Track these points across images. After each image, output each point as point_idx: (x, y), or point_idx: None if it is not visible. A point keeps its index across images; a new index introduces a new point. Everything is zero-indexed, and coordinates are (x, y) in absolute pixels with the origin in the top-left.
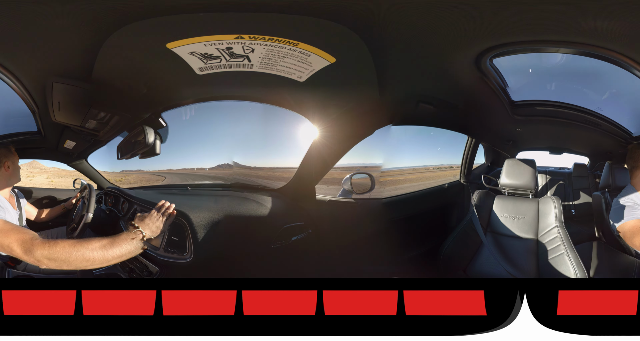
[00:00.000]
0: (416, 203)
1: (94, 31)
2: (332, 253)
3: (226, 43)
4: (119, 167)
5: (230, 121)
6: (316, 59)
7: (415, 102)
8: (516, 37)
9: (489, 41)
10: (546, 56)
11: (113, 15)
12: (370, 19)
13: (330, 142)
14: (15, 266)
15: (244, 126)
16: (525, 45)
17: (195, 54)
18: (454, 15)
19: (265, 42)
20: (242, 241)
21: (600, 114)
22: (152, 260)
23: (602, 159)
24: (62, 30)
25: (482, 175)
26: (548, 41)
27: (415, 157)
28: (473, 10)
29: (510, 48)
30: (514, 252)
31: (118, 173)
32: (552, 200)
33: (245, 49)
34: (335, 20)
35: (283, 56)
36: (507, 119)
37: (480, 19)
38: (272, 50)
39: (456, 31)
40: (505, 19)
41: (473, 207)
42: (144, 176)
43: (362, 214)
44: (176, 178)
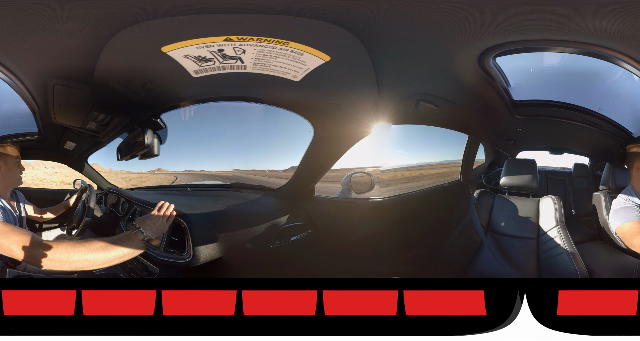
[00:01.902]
0: (416, 203)
1: (97, 34)
2: (332, 253)
3: (217, 45)
4: (118, 167)
5: (228, 122)
6: (310, 58)
7: (416, 100)
8: (522, 36)
9: (493, 39)
10: (548, 55)
11: (114, 19)
12: (369, 17)
13: (329, 141)
14: (16, 266)
15: (242, 126)
16: (531, 44)
17: (189, 56)
18: (457, 12)
19: (254, 43)
20: (242, 241)
21: (601, 114)
22: (152, 260)
23: (603, 159)
24: (67, 33)
25: (483, 174)
26: (554, 40)
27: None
28: (477, 7)
29: (515, 46)
30: (514, 252)
31: (118, 174)
32: (553, 200)
33: (237, 50)
34: (334, 20)
35: (275, 56)
36: (508, 118)
37: (485, 16)
38: (263, 50)
39: (460, 29)
40: (512, 17)
41: (473, 206)
42: (145, 177)
43: (361, 214)
44: (185, 179)
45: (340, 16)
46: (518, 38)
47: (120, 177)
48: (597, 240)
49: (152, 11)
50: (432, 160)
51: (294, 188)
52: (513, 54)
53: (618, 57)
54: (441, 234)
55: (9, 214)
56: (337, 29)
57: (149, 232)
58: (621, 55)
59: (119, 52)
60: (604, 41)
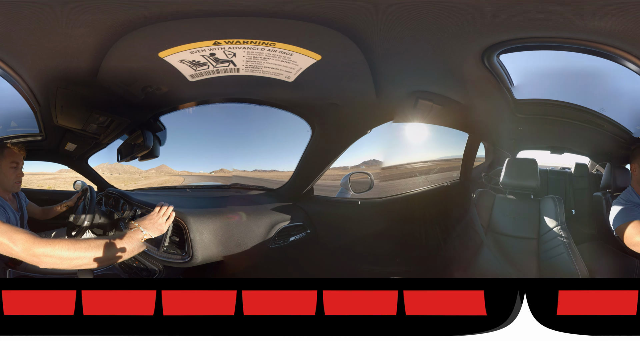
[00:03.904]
0: (416, 202)
1: (102, 39)
2: (331, 253)
3: (208, 49)
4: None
5: (227, 123)
6: (300, 58)
7: (415, 98)
8: (526, 33)
9: (497, 36)
10: (550, 54)
11: (118, 23)
12: (366, 15)
13: (327, 141)
14: (16, 267)
15: (240, 128)
16: (536, 42)
17: (184, 61)
18: (459, 9)
19: (242, 45)
20: (241, 241)
21: (602, 114)
22: (152, 260)
23: (604, 159)
24: (73, 37)
25: (483, 174)
26: (558, 38)
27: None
28: (479, 4)
29: (519, 44)
30: (514, 252)
31: (118, 175)
32: (553, 200)
33: (227, 53)
34: (331, 21)
35: (265, 57)
36: (509, 117)
37: (488, 12)
38: (253, 52)
39: (462, 26)
40: (516, 14)
41: (473, 206)
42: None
43: (361, 214)
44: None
45: (336, 16)
46: (522, 35)
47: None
48: (597, 240)
49: (148, 17)
50: (432, 159)
51: (292, 188)
52: (517, 51)
53: (622, 56)
54: (441, 234)
55: (9, 214)
56: (326, 28)
57: (148, 231)
58: (626, 54)
59: (120, 56)
60: (609, 39)
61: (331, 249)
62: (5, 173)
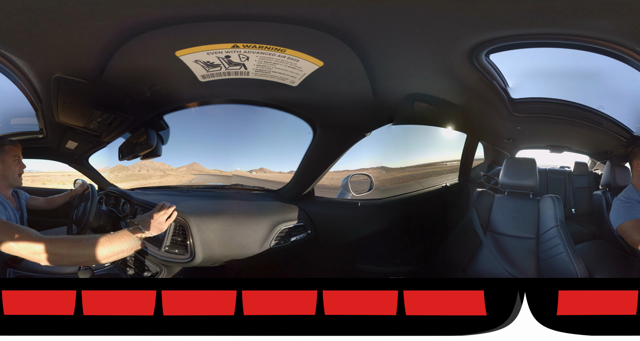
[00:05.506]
0: (416, 203)
1: (113, 36)
2: (332, 253)
3: (225, 52)
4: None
5: (228, 124)
6: (305, 64)
7: (412, 100)
8: (511, 31)
9: (482, 34)
10: (547, 52)
11: (131, 22)
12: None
13: (328, 143)
14: (16, 266)
15: (242, 129)
16: (522, 39)
17: (199, 61)
18: (446, 9)
19: (257, 50)
20: (243, 241)
21: (601, 112)
22: (152, 260)
23: (603, 158)
24: (82, 32)
25: (482, 174)
26: (546, 34)
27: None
28: (468, 3)
29: (505, 42)
30: (514, 252)
31: (119, 175)
32: (553, 199)
33: (242, 57)
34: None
35: (275, 62)
36: (507, 117)
37: (473, 10)
38: (264, 57)
39: (450, 25)
40: (500, 11)
41: (473, 206)
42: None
43: (361, 214)
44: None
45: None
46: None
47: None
48: (597, 240)
49: (167, 17)
50: (431, 160)
51: (293, 189)
52: (511, 49)
53: (622, 52)
54: (441, 234)
55: (9, 212)
56: (328, 36)
57: (147, 230)
58: (627, 50)
59: (134, 53)
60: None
61: (332, 249)
62: (9, 166)
